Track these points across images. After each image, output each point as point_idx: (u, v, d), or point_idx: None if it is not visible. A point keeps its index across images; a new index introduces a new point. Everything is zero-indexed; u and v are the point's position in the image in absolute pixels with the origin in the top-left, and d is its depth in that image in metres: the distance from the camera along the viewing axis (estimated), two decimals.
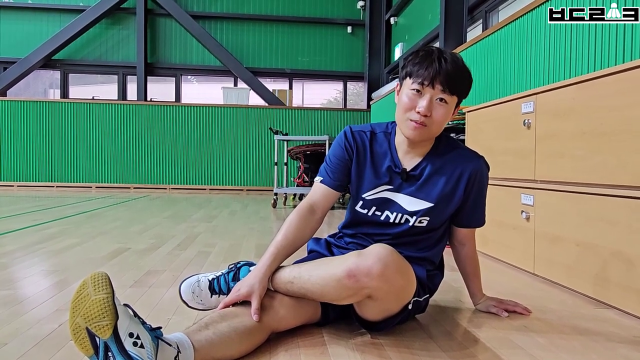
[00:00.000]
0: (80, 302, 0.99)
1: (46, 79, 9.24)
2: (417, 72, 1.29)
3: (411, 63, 1.33)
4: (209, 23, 8.70)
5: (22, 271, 2.12)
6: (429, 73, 1.27)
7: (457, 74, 1.29)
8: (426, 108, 1.27)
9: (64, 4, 8.44)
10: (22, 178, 7.66)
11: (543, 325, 1.51)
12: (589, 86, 1.81)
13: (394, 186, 1.41)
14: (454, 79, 1.28)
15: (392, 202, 1.42)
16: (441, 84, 1.27)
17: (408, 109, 1.30)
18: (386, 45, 8.38)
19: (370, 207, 1.44)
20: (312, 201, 1.43)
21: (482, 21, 5.01)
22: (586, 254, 1.81)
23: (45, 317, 1.49)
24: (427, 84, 1.27)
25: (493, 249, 2.58)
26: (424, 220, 1.41)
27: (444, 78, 1.27)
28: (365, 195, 1.43)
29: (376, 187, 1.42)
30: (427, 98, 1.28)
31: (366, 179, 1.43)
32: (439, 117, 1.29)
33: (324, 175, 1.46)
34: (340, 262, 1.21)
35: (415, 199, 1.39)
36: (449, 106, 1.31)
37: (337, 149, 1.46)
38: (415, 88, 1.29)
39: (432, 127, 1.31)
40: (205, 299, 1.43)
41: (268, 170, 7.98)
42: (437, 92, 1.28)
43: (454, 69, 1.28)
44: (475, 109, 2.80)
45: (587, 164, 1.81)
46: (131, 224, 3.74)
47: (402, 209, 1.41)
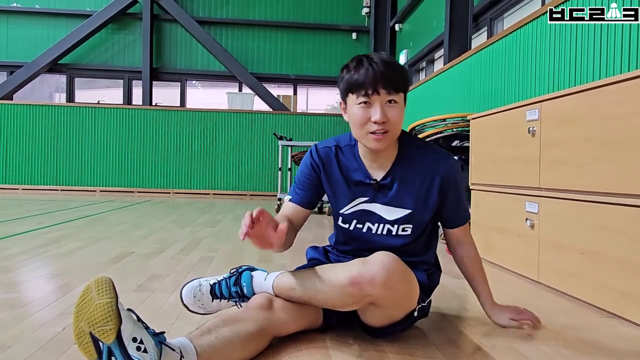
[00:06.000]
0: (84, 307, 0.99)
1: (52, 83, 9.29)
2: (357, 85, 1.27)
3: (346, 78, 1.31)
4: (214, 28, 8.74)
5: (26, 274, 2.13)
6: (369, 82, 1.25)
7: (393, 71, 1.28)
8: (381, 115, 1.26)
9: (71, 8, 8.49)
10: (27, 181, 7.69)
11: (547, 333, 1.50)
12: (594, 94, 1.80)
13: (369, 197, 1.41)
14: (393, 77, 1.27)
15: (370, 212, 1.41)
16: (384, 87, 1.26)
17: (363, 123, 1.29)
18: (391, 51, 8.39)
19: (350, 221, 1.44)
20: (286, 214, 1.44)
21: (487, 28, 5.01)
22: (591, 262, 1.80)
23: (49, 320, 1.49)
24: (371, 93, 1.26)
25: (497, 257, 2.57)
26: (407, 228, 1.40)
27: (384, 81, 1.25)
28: (343, 210, 1.44)
29: (352, 200, 1.42)
30: (377, 106, 1.27)
31: (340, 195, 1.43)
32: (395, 117, 1.29)
33: (292, 194, 1.47)
34: (344, 269, 1.21)
35: (393, 208, 1.39)
36: (399, 104, 1.30)
37: (304, 168, 1.47)
38: (362, 101, 1.27)
39: (392, 130, 1.30)
40: (207, 303, 1.42)
41: (272, 175, 7.98)
42: (384, 96, 1.27)
43: (388, 68, 1.27)
44: (480, 116, 2.80)
45: (592, 171, 1.80)
46: (135, 228, 3.75)
47: (381, 219, 1.40)
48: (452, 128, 3.26)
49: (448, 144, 3.31)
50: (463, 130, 3.25)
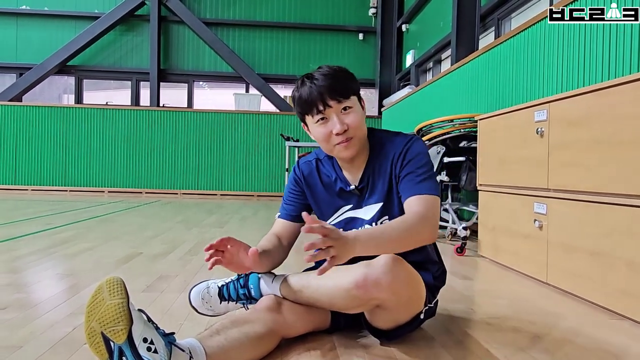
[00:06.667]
0: (95, 307, 1.00)
1: (61, 84, 9.37)
2: (307, 106, 1.30)
3: (297, 102, 1.34)
4: (221, 30, 8.77)
5: (36, 275, 2.15)
6: (317, 99, 1.28)
7: (335, 80, 1.29)
8: (340, 125, 1.28)
9: (80, 11, 8.56)
10: (36, 182, 7.75)
11: (556, 335, 1.49)
12: (603, 94, 1.79)
13: (353, 204, 1.43)
14: (336, 86, 1.28)
15: (355, 219, 1.43)
16: (332, 98, 1.28)
17: (327, 137, 1.31)
18: (397, 52, 8.39)
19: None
20: (275, 232, 1.46)
21: (494, 28, 5.00)
22: (600, 264, 1.79)
23: (59, 320, 1.50)
24: (322, 109, 1.29)
25: (506, 258, 2.56)
26: (384, 221, 1.39)
27: (329, 92, 1.27)
28: (329, 220, 1.46)
29: (336, 210, 1.44)
30: (333, 118, 1.29)
31: (324, 206, 1.46)
32: (354, 122, 1.30)
33: (281, 211, 1.50)
34: (349, 272, 1.21)
35: (369, 206, 1.40)
36: (355, 107, 1.32)
37: (288, 185, 1.51)
38: (318, 118, 1.31)
39: (356, 134, 1.32)
40: (215, 305, 1.43)
41: (279, 176, 7.99)
42: (336, 106, 1.29)
43: (329, 79, 1.28)
44: (488, 117, 2.79)
45: (601, 173, 1.79)
46: (143, 228, 3.77)
47: (363, 222, 1.41)
48: (459, 129, 3.25)
49: (456, 145, 3.30)
50: (471, 131, 3.24)
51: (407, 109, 6.31)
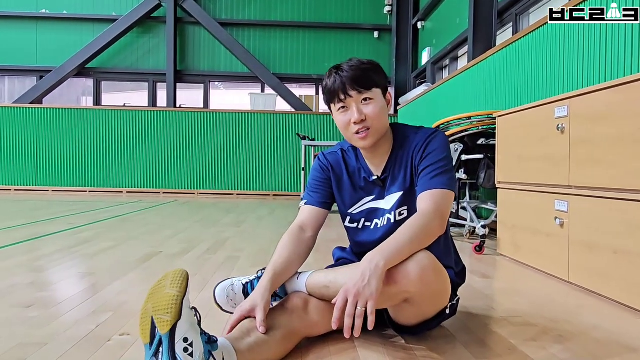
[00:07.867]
0: (155, 291, 1.03)
1: (79, 86, 9.51)
2: (331, 94, 1.36)
3: (323, 91, 1.41)
4: (236, 30, 8.82)
5: (59, 273, 2.19)
6: (339, 88, 1.33)
7: (359, 71, 1.33)
8: (358, 115, 1.32)
9: (98, 14, 8.68)
10: (56, 183, 7.88)
11: (579, 334, 1.47)
12: (625, 89, 1.76)
13: (376, 195, 1.44)
14: (359, 77, 1.33)
15: (377, 209, 1.44)
16: (354, 89, 1.32)
17: (346, 125, 1.36)
18: (413, 50, 8.34)
19: (359, 219, 1.47)
20: (301, 222, 1.45)
21: (512, 24, 4.94)
22: (623, 262, 1.76)
23: (82, 318, 1.53)
24: (343, 98, 1.33)
25: (526, 256, 2.53)
26: (403, 211, 1.40)
27: (350, 83, 1.32)
28: (351, 210, 1.47)
29: (359, 200, 1.46)
30: (353, 107, 1.33)
31: (347, 195, 1.47)
32: (373, 113, 1.33)
33: (306, 198, 1.50)
34: None
35: (390, 196, 1.42)
36: (376, 100, 1.35)
37: (314, 173, 1.52)
38: (340, 107, 1.36)
39: (374, 125, 1.34)
40: (240, 302, 1.44)
41: (295, 175, 8.01)
42: (357, 96, 1.33)
43: (354, 70, 1.33)
44: (506, 113, 2.76)
45: (624, 169, 1.76)
46: (162, 228, 3.81)
47: (384, 211, 1.43)
48: (477, 126, 3.22)
49: (474, 142, 3.27)
50: (489, 128, 3.20)
51: (424, 107, 6.27)
